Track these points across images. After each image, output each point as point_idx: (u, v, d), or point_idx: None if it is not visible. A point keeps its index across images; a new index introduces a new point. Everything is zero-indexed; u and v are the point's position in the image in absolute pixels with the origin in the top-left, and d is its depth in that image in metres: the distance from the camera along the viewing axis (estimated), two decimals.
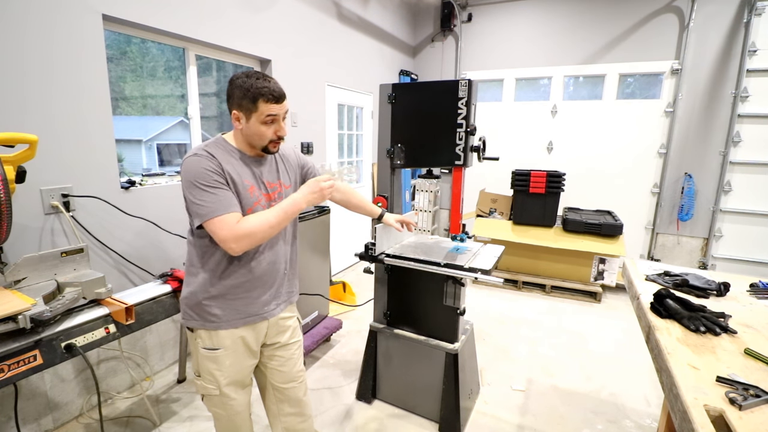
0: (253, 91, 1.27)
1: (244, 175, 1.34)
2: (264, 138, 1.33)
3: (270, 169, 1.45)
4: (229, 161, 1.32)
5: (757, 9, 4.21)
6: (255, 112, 1.29)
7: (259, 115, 1.29)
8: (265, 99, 1.28)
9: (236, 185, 1.30)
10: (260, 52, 3.27)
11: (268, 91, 1.28)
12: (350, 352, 3.00)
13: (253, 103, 1.28)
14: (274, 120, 1.33)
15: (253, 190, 1.35)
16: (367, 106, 5.08)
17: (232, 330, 1.38)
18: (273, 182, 1.44)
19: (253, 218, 1.27)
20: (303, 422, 1.60)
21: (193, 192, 1.24)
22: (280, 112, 1.33)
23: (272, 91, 1.29)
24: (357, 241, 4.90)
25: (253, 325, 1.42)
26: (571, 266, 4.21)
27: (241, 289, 1.38)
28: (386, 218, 2.00)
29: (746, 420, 0.85)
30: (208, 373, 1.40)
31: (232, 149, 1.36)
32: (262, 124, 1.31)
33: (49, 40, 1.97)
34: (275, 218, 1.28)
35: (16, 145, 1.65)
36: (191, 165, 1.25)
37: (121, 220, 2.35)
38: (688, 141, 4.69)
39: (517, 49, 5.38)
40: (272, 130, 1.34)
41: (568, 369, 2.88)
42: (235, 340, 1.40)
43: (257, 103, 1.28)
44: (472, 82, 2.05)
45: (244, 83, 1.27)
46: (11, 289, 1.56)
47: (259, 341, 1.47)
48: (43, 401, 2.10)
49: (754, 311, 1.43)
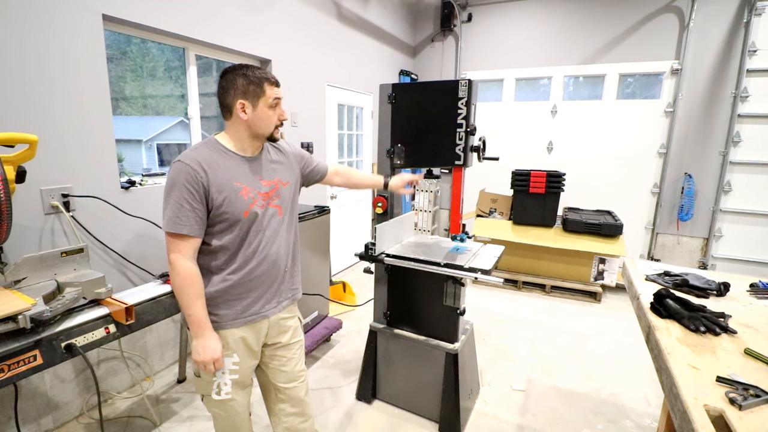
0: (258, 76, 1.33)
1: (237, 176, 1.34)
2: (271, 123, 1.38)
3: (267, 167, 1.45)
4: (220, 165, 1.31)
5: (757, 9, 4.21)
6: (263, 97, 1.34)
7: (267, 99, 1.35)
8: (269, 83, 1.35)
9: (224, 193, 1.29)
10: (260, 52, 3.27)
11: (270, 75, 1.37)
12: (350, 352, 3.00)
13: (260, 88, 1.33)
14: (278, 103, 1.39)
15: (247, 192, 1.34)
16: (367, 106, 5.08)
17: (232, 330, 1.39)
18: (270, 180, 1.43)
19: (183, 272, 1.27)
20: (304, 422, 1.60)
21: (165, 198, 1.28)
22: (281, 96, 1.40)
23: (273, 75, 1.38)
24: (357, 241, 4.90)
25: (253, 324, 1.42)
26: (571, 266, 4.21)
27: (241, 289, 1.38)
28: (392, 184, 1.96)
29: (746, 420, 0.85)
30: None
31: (225, 150, 1.35)
32: (269, 108, 1.36)
33: (49, 40, 1.97)
34: (182, 299, 1.30)
35: (16, 145, 1.65)
36: (174, 172, 1.27)
37: (121, 220, 2.35)
38: (688, 141, 4.69)
39: (517, 49, 5.38)
40: (277, 114, 1.39)
41: (568, 369, 2.88)
42: (236, 341, 1.40)
43: (263, 87, 1.34)
44: (472, 82, 2.05)
45: (245, 72, 1.33)
46: (11, 289, 1.56)
47: (260, 342, 1.47)
48: (43, 401, 2.10)
49: (754, 311, 1.43)
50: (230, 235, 1.34)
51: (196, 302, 1.29)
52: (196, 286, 1.30)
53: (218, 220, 1.31)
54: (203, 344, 1.31)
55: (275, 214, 1.43)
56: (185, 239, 1.27)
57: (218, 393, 1.41)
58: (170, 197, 1.26)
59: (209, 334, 1.32)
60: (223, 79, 1.34)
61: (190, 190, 1.25)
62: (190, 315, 1.30)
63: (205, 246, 1.34)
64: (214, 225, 1.32)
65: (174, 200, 1.25)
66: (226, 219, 1.31)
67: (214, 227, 1.32)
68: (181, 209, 1.25)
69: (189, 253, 1.29)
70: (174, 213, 1.25)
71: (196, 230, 1.28)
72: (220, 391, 1.41)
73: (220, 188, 1.29)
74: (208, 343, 1.31)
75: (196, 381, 1.45)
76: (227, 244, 1.34)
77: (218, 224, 1.32)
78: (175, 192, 1.25)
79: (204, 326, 1.31)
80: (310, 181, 1.69)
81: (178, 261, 1.27)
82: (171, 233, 1.26)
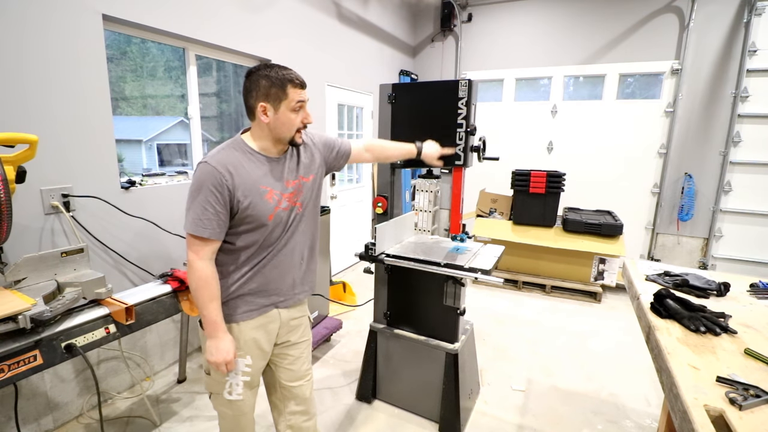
0: (281, 78, 1.27)
1: (263, 179, 1.33)
2: (293, 127, 1.33)
3: (291, 166, 1.42)
4: (246, 168, 1.30)
5: (757, 9, 4.21)
6: (285, 100, 1.29)
7: (289, 102, 1.29)
8: (293, 85, 1.29)
9: (250, 197, 1.29)
10: (260, 51, 3.27)
11: (295, 76, 1.30)
12: (350, 352, 3.00)
13: (282, 90, 1.28)
14: (302, 106, 1.33)
15: (272, 195, 1.34)
16: (367, 106, 5.08)
17: (245, 329, 1.39)
18: (294, 180, 1.42)
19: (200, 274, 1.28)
20: (308, 420, 1.60)
21: (191, 199, 1.27)
22: (306, 99, 1.34)
23: (298, 77, 1.31)
24: (357, 241, 4.90)
25: (265, 324, 1.43)
26: (571, 266, 4.21)
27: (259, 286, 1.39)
28: (426, 153, 1.94)
29: (746, 420, 0.85)
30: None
31: (251, 151, 1.34)
32: (291, 112, 1.31)
33: (49, 40, 1.97)
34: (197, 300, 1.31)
35: (16, 145, 1.64)
36: (200, 174, 1.26)
37: (121, 220, 2.35)
38: (688, 141, 4.69)
39: (517, 49, 5.38)
40: (300, 118, 1.33)
41: (568, 369, 2.88)
42: (247, 341, 1.40)
43: (286, 89, 1.28)
44: (472, 82, 2.05)
45: (268, 73, 1.28)
46: (11, 289, 1.56)
47: (272, 342, 1.48)
48: (43, 401, 2.10)
49: (754, 311, 1.43)
50: (254, 235, 1.34)
51: (210, 303, 1.30)
52: (212, 288, 1.30)
53: (243, 222, 1.31)
54: (217, 345, 1.31)
55: (297, 211, 1.43)
56: (206, 242, 1.27)
57: (230, 393, 1.42)
58: (195, 199, 1.26)
59: (223, 335, 1.32)
60: (247, 79, 1.32)
61: (215, 193, 1.24)
62: (205, 316, 1.31)
63: (228, 245, 1.34)
64: (238, 226, 1.32)
65: (199, 203, 1.25)
66: (251, 222, 1.31)
67: (239, 227, 1.32)
68: (205, 212, 1.25)
69: (207, 255, 1.29)
70: (197, 215, 1.25)
71: (217, 234, 1.28)
72: (232, 392, 1.42)
73: (245, 192, 1.29)
74: (222, 344, 1.32)
75: (207, 379, 1.45)
76: (251, 244, 1.35)
77: (243, 225, 1.32)
78: (201, 195, 1.25)
79: (218, 327, 1.31)
80: (336, 166, 1.65)
81: (196, 262, 1.28)
82: (193, 235, 1.27)
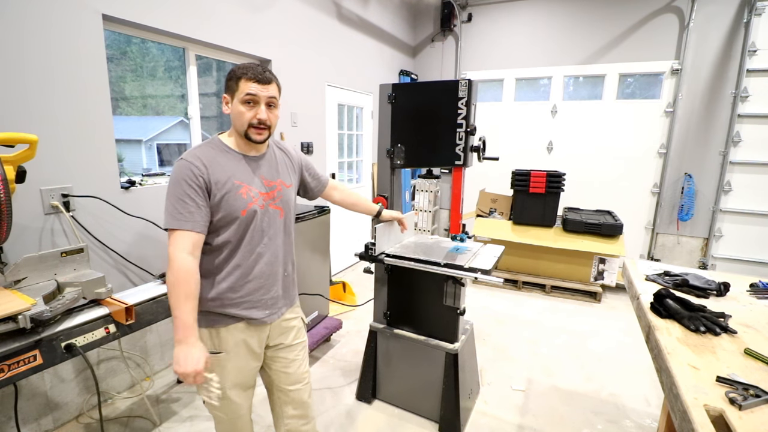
0: (237, 71, 1.31)
1: (238, 174, 1.34)
2: (243, 119, 1.31)
3: (270, 167, 1.44)
4: (220, 161, 1.32)
5: (757, 9, 4.21)
6: (237, 91, 1.31)
7: (239, 94, 1.30)
8: (246, 78, 1.30)
9: (223, 190, 1.29)
10: (260, 52, 3.27)
11: (250, 70, 1.30)
12: (350, 352, 3.00)
13: (236, 82, 1.31)
14: (254, 101, 1.31)
15: (247, 191, 1.34)
16: (367, 106, 5.08)
17: (233, 332, 1.38)
18: (272, 180, 1.43)
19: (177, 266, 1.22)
20: (306, 425, 1.58)
21: (168, 196, 1.28)
22: (259, 94, 1.31)
23: (254, 70, 1.30)
24: (357, 241, 4.90)
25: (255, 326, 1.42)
26: (571, 266, 4.21)
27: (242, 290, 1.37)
28: (384, 215, 2.01)
29: (746, 420, 0.85)
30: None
31: (227, 149, 1.36)
32: (241, 104, 1.31)
33: (49, 40, 1.96)
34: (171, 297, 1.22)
35: (16, 145, 1.64)
36: (176, 170, 1.28)
37: (121, 220, 2.35)
38: (688, 141, 4.69)
39: (517, 49, 5.38)
40: (252, 113, 1.31)
41: (568, 369, 2.88)
42: (237, 343, 1.39)
43: (239, 81, 1.30)
44: (472, 82, 2.05)
45: (234, 67, 1.34)
46: (11, 289, 1.55)
47: (262, 344, 1.46)
48: (43, 401, 2.10)
49: (754, 311, 1.43)
50: (228, 232, 1.33)
51: (185, 303, 1.21)
52: (190, 285, 1.22)
53: (217, 217, 1.31)
54: (186, 353, 1.20)
55: (276, 216, 1.42)
56: (185, 234, 1.24)
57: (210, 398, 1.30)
58: (171, 194, 1.26)
59: (194, 341, 1.22)
60: None
61: (191, 185, 1.25)
62: (177, 317, 1.20)
63: (206, 246, 1.33)
64: (212, 222, 1.32)
65: (176, 196, 1.25)
66: (224, 216, 1.31)
67: (212, 224, 1.32)
68: (184, 205, 1.24)
69: (188, 248, 1.23)
70: (175, 208, 1.24)
71: (199, 225, 1.26)
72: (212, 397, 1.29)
73: (219, 185, 1.29)
74: (192, 352, 1.20)
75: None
76: (226, 241, 1.33)
77: (216, 221, 1.32)
78: (178, 188, 1.25)
79: (190, 333, 1.21)
80: (310, 192, 1.69)
81: (175, 254, 1.22)
82: (171, 229, 1.25)
